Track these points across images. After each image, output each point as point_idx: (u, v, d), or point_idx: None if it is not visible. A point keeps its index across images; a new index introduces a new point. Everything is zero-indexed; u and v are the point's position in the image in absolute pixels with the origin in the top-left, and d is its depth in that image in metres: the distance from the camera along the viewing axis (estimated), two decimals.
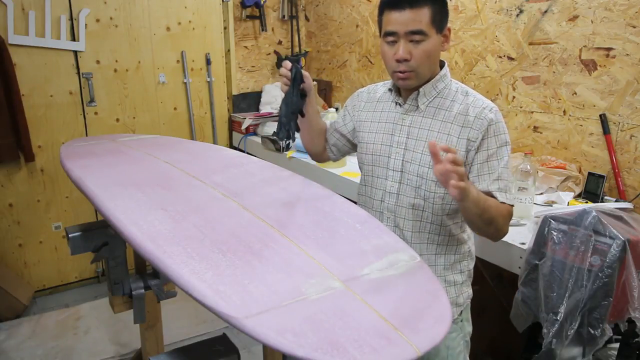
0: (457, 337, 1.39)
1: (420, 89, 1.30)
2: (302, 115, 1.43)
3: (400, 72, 1.25)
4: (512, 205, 1.27)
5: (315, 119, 1.55)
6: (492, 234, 1.27)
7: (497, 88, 2.32)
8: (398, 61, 1.23)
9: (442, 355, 1.37)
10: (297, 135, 1.40)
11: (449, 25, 1.27)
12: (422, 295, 0.94)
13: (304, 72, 1.39)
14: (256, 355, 2.42)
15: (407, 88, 1.31)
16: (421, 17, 1.19)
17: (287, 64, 1.36)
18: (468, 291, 1.41)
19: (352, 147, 1.55)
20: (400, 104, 1.35)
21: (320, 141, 1.59)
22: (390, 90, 1.39)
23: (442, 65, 1.33)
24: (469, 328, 1.44)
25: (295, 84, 1.36)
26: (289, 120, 1.36)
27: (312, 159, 1.67)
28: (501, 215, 1.22)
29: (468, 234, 1.39)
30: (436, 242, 1.34)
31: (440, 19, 1.22)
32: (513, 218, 1.76)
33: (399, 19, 1.20)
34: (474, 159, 1.26)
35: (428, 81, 1.30)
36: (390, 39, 1.24)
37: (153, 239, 1.07)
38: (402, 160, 1.32)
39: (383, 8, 1.25)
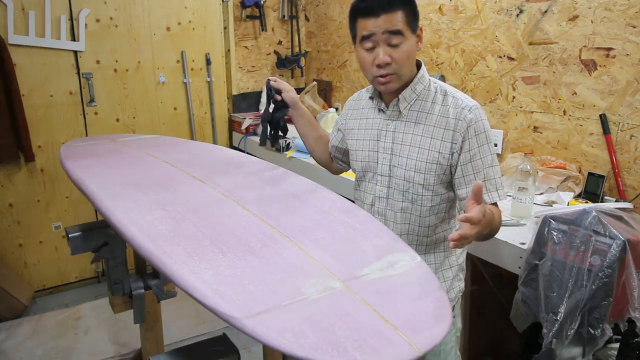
0: (449, 333, 1.40)
1: (400, 95, 1.30)
2: (275, 124, 1.59)
3: (381, 76, 1.25)
4: (501, 200, 1.28)
5: (308, 129, 1.62)
6: (486, 239, 1.29)
7: (497, 88, 2.32)
8: (379, 66, 1.23)
9: (435, 351, 1.38)
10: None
11: (421, 25, 1.27)
12: (422, 295, 0.94)
13: (286, 86, 1.56)
14: (256, 355, 2.42)
15: (389, 91, 1.31)
16: (397, 19, 1.20)
17: (267, 79, 1.58)
18: (459, 285, 1.42)
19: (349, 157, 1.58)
20: (383, 111, 1.36)
21: (321, 150, 1.65)
22: (371, 98, 1.40)
23: (418, 66, 1.32)
24: (459, 324, 1.47)
25: (268, 96, 1.57)
26: (264, 128, 1.60)
27: (328, 170, 1.72)
28: (497, 225, 1.23)
29: (456, 229, 1.39)
30: (425, 243, 1.35)
31: (413, 20, 1.23)
32: (513, 218, 1.78)
33: (375, 23, 1.20)
34: (458, 160, 1.26)
35: (407, 84, 1.29)
36: (368, 44, 1.23)
37: (153, 239, 1.07)
38: (390, 165, 1.34)
39: (356, 16, 1.24)
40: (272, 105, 1.59)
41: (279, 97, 1.55)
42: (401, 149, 1.31)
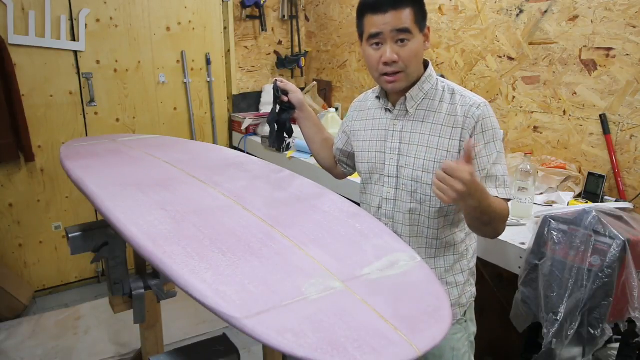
0: (462, 338, 1.38)
1: (407, 94, 1.29)
2: (285, 126, 1.58)
3: (388, 74, 1.24)
4: (509, 200, 1.26)
5: (314, 132, 1.61)
6: (489, 234, 1.25)
7: (497, 88, 2.32)
8: (386, 64, 1.22)
9: (447, 357, 1.36)
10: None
11: (428, 24, 1.27)
12: (422, 295, 0.94)
13: (293, 87, 1.55)
14: (256, 355, 2.42)
15: (396, 91, 1.29)
16: (405, 17, 1.19)
17: (274, 79, 1.58)
18: (471, 290, 1.40)
19: (354, 160, 1.56)
20: (390, 110, 1.35)
21: (326, 154, 1.64)
22: (378, 97, 1.39)
23: (426, 65, 1.32)
24: (473, 328, 1.43)
25: (275, 97, 1.55)
26: (272, 130, 1.58)
27: (331, 174, 1.71)
28: (500, 217, 1.20)
29: (466, 232, 1.38)
30: (435, 246, 1.33)
31: (421, 18, 1.23)
32: (513, 218, 1.78)
33: (383, 20, 1.19)
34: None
35: (414, 83, 1.29)
36: (375, 40, 1.23)
37: (153, 239, 1.07)
38: (397, 165, 1.32)
39: (364, 12, 1.24)
40: (277, 107, 1.57)
41: (285, 99, 1.53)
42: (409, 149, 1.30)
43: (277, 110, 1.56)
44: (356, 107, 1.51)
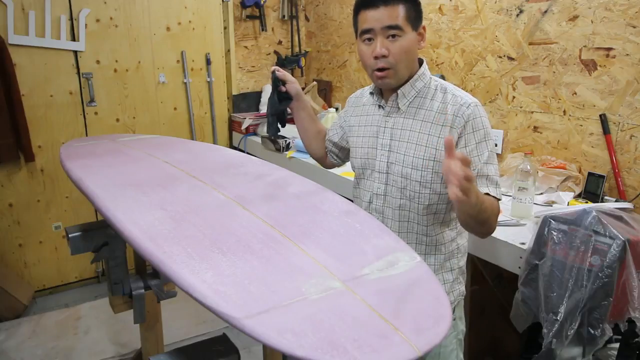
0: (449, 336, 1.39)
1: (399, 90, 1.30)
2: (283, 116, 1.59)
3: (378, 70, 1.26)
4: (499, 199, 1.25)
5: (308, 122, 1.63)
6: (483, 233, 1.25)
7: (497, 88, 2.32)
8: (376, 58, 1.24)
9: (434, 352, 1.37)
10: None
11: (423, 23, 1.29)
12: (422, 295, 0.94)
13: (291, 77, 1.55)
14: (256, 355, 2.42)
15: (386, 87, 1.31)
16: (396, 13, 1.21)
17: (273, 69, 1.56)
18: (460, 288, 1.41)
19: (346, 153, 1.59)
20: (382, 107, 1.36)
21: (318, 145, 1.65)
22: (371, 93, 1.41)
23: (420, 63, 1.33)
24: (462, 327, 1.44)
25: (274, 87, 1.54)
26: (273, 120, 1.58)
27: (319, 164, 1.72)
28: (494, 214, 1.21)
29: (457, 231, 1.38)
30: (425, 243, 1.34)
31: (414, 16, 1.24)
32: (513, 218, 1.78)
33: (375, 16, 1.22)
34: None
35: (407, 81, 1.30)
36: (367, 36, 1.25)
37: (153, 239, 1.07)
38: (387, 162, 1.34)
39: (358, 9, 1.27)
40: (275, 96, 1.57)
41: (284, 89, 1.54)
42: (399, 146, 1.31)
43: (275, 99, 1.56)
44: (352, 102, 1.53)
